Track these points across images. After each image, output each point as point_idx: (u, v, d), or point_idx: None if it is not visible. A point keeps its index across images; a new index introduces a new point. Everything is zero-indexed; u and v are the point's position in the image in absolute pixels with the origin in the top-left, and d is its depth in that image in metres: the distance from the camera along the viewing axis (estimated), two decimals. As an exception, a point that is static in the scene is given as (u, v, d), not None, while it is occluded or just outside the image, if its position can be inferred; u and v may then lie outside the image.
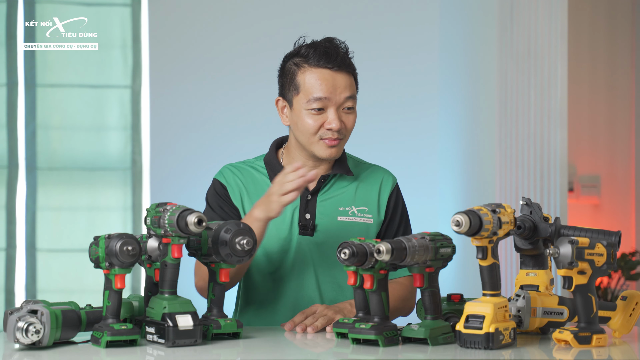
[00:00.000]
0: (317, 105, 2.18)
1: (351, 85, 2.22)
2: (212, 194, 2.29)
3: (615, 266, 1.87)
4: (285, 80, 2.24)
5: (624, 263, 4.94)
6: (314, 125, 2.19)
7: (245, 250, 1.88)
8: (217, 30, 4.40)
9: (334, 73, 2.19)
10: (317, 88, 2.18)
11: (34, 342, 1.79)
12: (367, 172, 2.33)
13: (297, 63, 2.21)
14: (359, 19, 4.41)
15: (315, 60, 2.19)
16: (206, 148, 4.33)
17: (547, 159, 4.03)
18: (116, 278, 1.83)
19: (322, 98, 2.17)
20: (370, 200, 2.29)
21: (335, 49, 2.21)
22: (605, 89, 5.34)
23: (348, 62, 2.22)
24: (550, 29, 4.02)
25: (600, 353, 1.78)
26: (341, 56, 2.20)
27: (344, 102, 2.20)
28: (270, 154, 2.32)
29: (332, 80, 2.18)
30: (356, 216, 2.26)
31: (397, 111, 4.39)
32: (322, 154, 2.21)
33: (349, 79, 2.21)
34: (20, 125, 4.45)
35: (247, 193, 2.27)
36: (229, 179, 2.28)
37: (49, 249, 4.44)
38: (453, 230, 1.77)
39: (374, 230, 2.27)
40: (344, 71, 2.20)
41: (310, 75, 2.19)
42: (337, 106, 2.19)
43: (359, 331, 1.85)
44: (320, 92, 2.17)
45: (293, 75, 2.21)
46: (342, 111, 2.20)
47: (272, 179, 2.26)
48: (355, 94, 2.23)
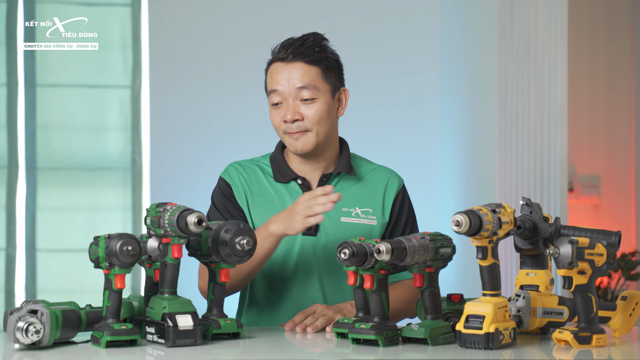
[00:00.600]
0: (275, 100, 2.19)
1: (307, 75, 2.18)
2: (217, 193, 2.28)
3: (615, 266, 1.87)
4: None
5: (624, 263, 4.94)
6: (275, 119, 2.21)
7: (245, 250, 1.88)
8: (217, 30, 4.40)
9: (286, 64, 2.19)
10: (272, 81, 2.20)
11: (34, 342, 1.79)
12: (372, 173, 2.32)
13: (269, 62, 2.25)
14: (359, 19, 4.41)
15: (275, 54, 2.21)
16: (206, 148, 4.33)
17: (547, 159, 4.03)
18: (116, 278, 1.83)
19: (276, 90, 2.19)
20: (374, 202, 2.28)
21: (297, 41, 2.19)
22: (605, 89, 5.34)
23: (305, 52, 2.18)
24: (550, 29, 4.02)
25: (600, 353, 1.78)
26: (296, 47, 2.18)
27: (297, 92, 2.18)
28: (276, 152, 2.31)
29: (286, 72, 2.18)
30: (360, 217, 2.25)
31: (397, 111, 4.39)
32: (291, 148, 2.22)
33: (307, 68, 2.18)
34: (20, 125, 4.45)
35: (250, 192, 2.27)
36: (234, 177, 2.28)
37: (49, 249, 4.44)
38: (453, 230, 1.77)
39: (377, 232, 2.26)
40: (299, 61, 2.18)
41: (269, 71, 2.22)
42: (293, 98, 2.19)
43: (359, 331, 1.85)
44: (273, 85, 2.20)
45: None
46: (301, 102, 2.19)
47: (276, 177, 2.26)
48: (313, 83, 2.18)
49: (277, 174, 2.26)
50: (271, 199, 2.25)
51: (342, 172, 2.27)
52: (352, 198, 2.26)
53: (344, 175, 2.28)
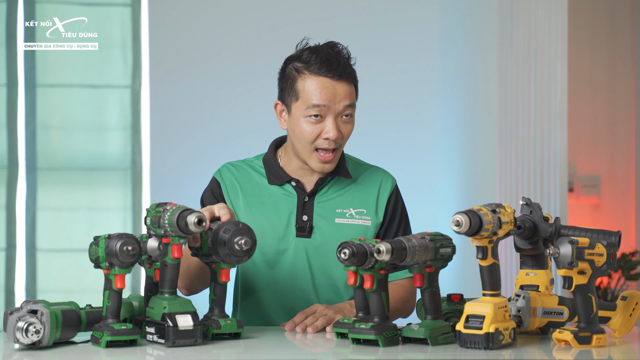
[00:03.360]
0: (315, 112, 2.15)
1: (351, 94, 2.19)
2: (207, 193, 2.30)
3: (615, 266, 1.87)
4: (285, 85, 2.22)
5: (624, 263, 4.94)
6: (311, 133, 2.17)
7: (244, 250, 1.88)
8: (217, 30, 4.40)
9: (334, 82, 2.16)
10: (317, 96, 2.15)
11: (34, 342, 1.79)
12: (365, 174, 2.32)
13: (297, 68, 2.19)
14: (359, 19, 4.41)
15: (316, 67, 2.16)
16: (206, 148, 4.33)
17: (547, 159, 4.03)
18: (116, 278, 1.83)
19: (321, 106, 2.15)
20: (368, 202, 2.28)
21: (337, 56, 2.18)
22: (605, 89, 5.34)
23: (349, 71, 2.19)
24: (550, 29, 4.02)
25: (600, 353, 1.78)
26: (342, 65, 2.17)
27: (342, 110, 2.17)
28: (269, 154, 2.31)
29: (332, 89, 2.16)
30: (354, 218, 2.26)
31: (397, 111, 4.39)
32: (315, 167, 2.20)
33: (350, 87, 2.18)
34: (20, 125, 4.46)
35: (241, 191, 2.27)
36: (225, 176, 2.29)
37: (49, 249, 4.44)
38: (453, 230, 1.77)
39: (372, 233, 2.26)
40: (345, 80, 2.17)
41: (310, 83, 2.16)
42: (336, 115, 2.17)
43: (359, 331, 1.85)
44: (319, 100, 2.15)
45: (293, 80, 2.19)
46: (340, 120, 2.18)
47: (270, 179, 2.27)
48: (354, 102, 2.20)
49: (271, 177, 2.27)
50: (264, 200, 2.26)
51: (337, 176, 2.27)
52: (346, 199, 2.27)
53: (339, 178, 2.28)
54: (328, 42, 2.22)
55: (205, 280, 2.15)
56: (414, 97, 4.41)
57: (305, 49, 2.21)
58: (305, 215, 2.23)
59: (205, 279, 2.14)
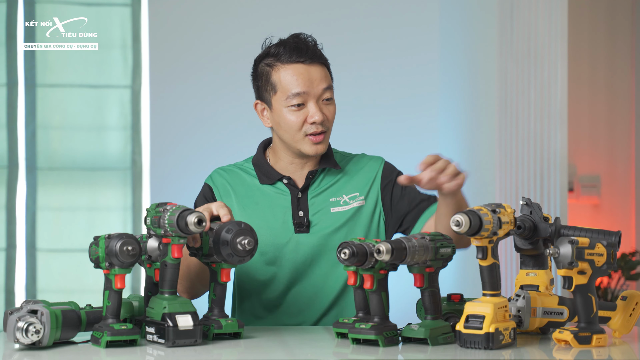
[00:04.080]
0: (297, 101, 2.18)
1: (326, 76, 2.22)
2: (200, 199, 2.31)
3: (615, 266, 1.86)
4: (260, 83, 2.25)
5: (624, 263, 4.94)
6: (296, 121, 2.19)
7: (247, 250, 1.88)
8: (217, 30, 4.40)
9: (307, 66, 2.20)
10: (294, 84, 2.18)
11: (34, 342, 1.79)
12: (352, 162, 2.33)
13: (269, 63, 2.23)
14: (359, 19, 4.41)
15: (287, 57, 2.20)
16: (206, 148, 4.33)
17: (547, 159, 4.03)
18: (116, 278, 1.83)
19: (301, 93, 2.18)
20: (360, 185, 2.29)
21: (304, 42, 2.22)
22: (605, 89, 5.33)
23: (319, 54, 2.23)
24: (550, 29, 4.02)
25: (600, 353, 1.78)
26: (312, 49, 2.21)
27: (322, 93, 2.20)
28: (258, 155, 2.33)
29: (307, 73, 2.19)
30: (348, 203, 2.26)
31: (397, 111, 4.39)
32: (309, 150, 2.22)
33: (323, 70, 2.22)
34: (20, 125, 4.45)
35: (234, 194, 2.28)
36: (217, 181, 2.30)
37: (49, 249, 4.44)
38: (453, 230, 1.77)
39: (368, 212, 2.26)
40: (317, 62, 2.21)
41: (285, 72, 2.20)
42: (317, 99, 2.20)
43: (359, 331, 1.85)
44: (297, 87, 2.18)
45: (267, 75, 2.22)
46: (322, 103, 2.21)
47: (261, 179, 2.28)
48: (331, 84, 2.23)
49: (262, 177, 2.28)
50: (257, 200, 2.27)
51: (327, 167, 2.28)
52: (338, 188, 2.28)
53: (329, 170, 2.29)
54: (292, 34, 2.26)
55: (206, 281, 2.15)
56: (414, 97, 4.41)
57: (271, 45, 2.26)
58: (301, 210, 2.24)
59: (206, 280, 2.14)
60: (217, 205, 1.96)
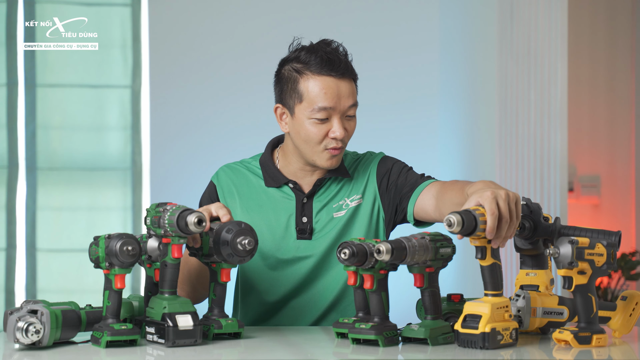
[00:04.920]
0: (322, 116, 2.14)
1: (353, 92, 2.18)
2: (205, 197, 2.30)
3: (615, 266, 1.86)
4: (285, 87, 2.18)
5: (624, 263, 4.94)
6: (318, 134, 2.15)
7: (247, 250, 1.88)
8: (217, 30, 4.40)
9: (337, 81, 2.14)
10: (322, 97, 2.13)
11: (34, 342, 1.79)
12: (355, 164, 2.31)
13: (297, 69, 2.16)
14: (359, 19, 4.41)
15: (317, 67, 2.14)
16: (206, 148, 4.33)
17: (547, 159, 4.03)
18: (116, 278, 1.83)
19: (327, 108, 2.13)
20: (359, 185, 2.27)
21: (336, 54, 2.16)
22: (605, 89, 5.34)
23: (350, 69, 2.18)
24: (550, 29, 4.02)
25: (600, 353, 1.78)
26: (344, 62, 2.16)
27: (347, 110, 2.16)
28: (266, 155, 2.30)
29: (337, 88, 2.14)
30: (349, 206, 2.25)
31: (397, 111, 4.39)
32: (324, 164, 2.19)
33: (352, 85, 2.17)
34: (20, 125, 4.45)
35: (238, 195, 2.26)
36: (222, 180, 2.29)
37: (49, 249, 4.44)
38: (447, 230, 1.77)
39: (366, 210, 2.24)
40: (347, 78, 2.16)
41: (314, 83, 2.14)
42: (341, 114, 2.16)
43: (359, 331, 1.85)
44: (325, 102, 2.13)
45: (295, 82, 2.16)
46: (345, 118, 2.17)
47: (267, 182, 2.26)
48: (357, 101, 2.19)
49: (268, 179, 2.26)
50: (261, 203, 2.25)
51: (337, 175, 2.26)
52: (342, 193, 2.26)
53: (337, 177, 2.28)
54: (322, 40, 2.20)
55: (206, 282, 2.15)
56: (414, 97, 4.41)
57: (301, 49, 2.18)
58: (305, 217, 2.23)
59: (207, 283, 2.14)
60: (216, 206, 1.96)
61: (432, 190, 2.15)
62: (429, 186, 2.18)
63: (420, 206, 2.17)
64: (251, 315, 2.27)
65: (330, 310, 2.23)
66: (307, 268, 2.22)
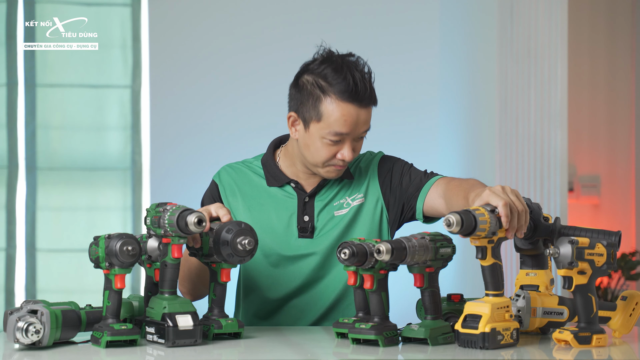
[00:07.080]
0: (336, 139, 2.14)
1: (369, 118, 2.18)
2: (207, 196, 2.30)
3: (615, 266, 1.87)
4: (305, 100, 2.15)
5: (624, 263, 4.94)
6: (327, 154, 2.15)
7: (247, 250, 1.88)
8: (218, 30, 4.40)
9: (358, 110, 2.14)
10: (341, 124, 2.12)
11: (34, 342, 1.79)
12: (356, 164, 2.31)
13: (322, 87, 2.13)
14: (359, 19, 4.41)
15: (342, 94, 2.12)
16: (206, 148, 4.32)
17: (547, 159, 4.03)
18: (116, 278, 1.83)
19: (344, 134, 2.14)
20: (360, 184, 2.27)
21: (363, 81, 2.15)
22: (605, 89, 5.34)
23: (374, 97, 2.18)
24: (550, 29, 4.02)
25: (600, 353, 1.78)
26: (369, 91, 2.16)
27: (360, 134, 2.18)
28: (268, 155, 2.30)
29: (357, 117, 2.14)
30: (350, 205, 2.26)
31: (397, 111, 4.39)
32: (326, 176, 2.21)
33: (370, 112, 2.18)
34: (20, 125, 4.45)
35: (240, 194, 2.27)
36: (224, 180, 2.29)
37: (49, 249, 4.44)
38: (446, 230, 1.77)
39: (369, 209, 2.25)
40: (369, 106, 2.17)
41: (336, 109, 2.12)
42: (354, 138, 2.17)
43: (359, 331, 1.85)
44: (342, 129, 2.13)
45: (317, 100, 2.13)
46: (355, 140, 2.18)
47: (269, 181, 2.26)
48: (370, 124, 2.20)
49: (270, 179, 2.26)
50: (263, 202, 2.25)
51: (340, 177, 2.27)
52: (344, 192, 2.27)
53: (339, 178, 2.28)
54: (349, 55, 2.18)
55: (206, 279, 2.15)
56: (414, 97, 4.41)
57: (327, 63, 2.15)
58: (307, 215, 2.23)
59: (207, 280, 2.14)
60: (216, 207, 1.96)
61: (439, 190, 2.17)
62: (435, 184, 2.19)
63: (430, 204, 2.19)
64: (253, 313, 2.27)
65: (332, 309, 2.23)
66: (310, 267, 2.22)
